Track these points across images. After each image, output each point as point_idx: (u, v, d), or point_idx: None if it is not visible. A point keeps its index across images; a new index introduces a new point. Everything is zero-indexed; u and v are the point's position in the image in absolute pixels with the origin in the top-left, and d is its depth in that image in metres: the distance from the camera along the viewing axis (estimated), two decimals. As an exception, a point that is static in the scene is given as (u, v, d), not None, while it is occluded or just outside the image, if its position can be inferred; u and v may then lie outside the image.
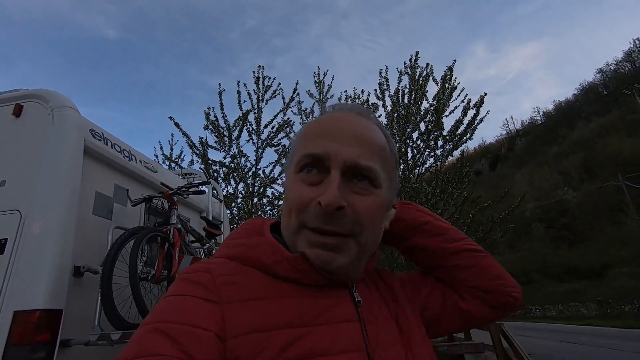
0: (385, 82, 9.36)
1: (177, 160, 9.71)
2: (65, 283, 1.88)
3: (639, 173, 29.17)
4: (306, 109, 9.92)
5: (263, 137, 8.98)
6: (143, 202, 2.47)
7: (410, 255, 0.71)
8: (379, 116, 9.55)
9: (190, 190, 2.50)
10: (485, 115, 8.67)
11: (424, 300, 0.67)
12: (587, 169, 40.67)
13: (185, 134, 8.64)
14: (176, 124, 8.60)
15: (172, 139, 9.92)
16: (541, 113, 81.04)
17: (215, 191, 3.93)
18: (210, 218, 3.40)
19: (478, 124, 8.65)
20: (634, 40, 63.73)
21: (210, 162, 8.73)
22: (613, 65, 66.11)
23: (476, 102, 8.62)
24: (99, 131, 2.50)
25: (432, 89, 9.40)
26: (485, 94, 8.62)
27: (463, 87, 9.06)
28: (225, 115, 8.85)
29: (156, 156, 9.85)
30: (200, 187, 2.63)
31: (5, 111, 2.29)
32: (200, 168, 8.37)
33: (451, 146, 8.59)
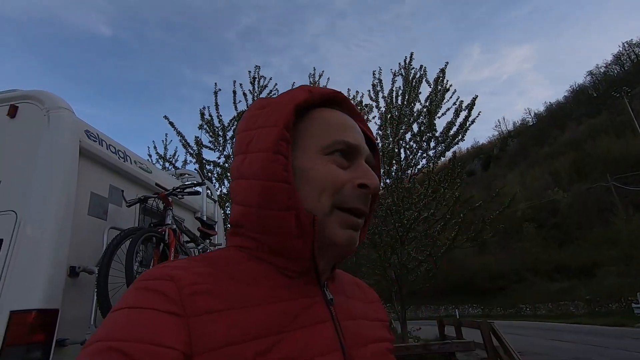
0: (379, 84, 9.43)
1: (171, 159, 9.69)
2: (61, 283, 1.90)
3: (628, 174, 29.74)
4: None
5: (257, 137, 8.97)
6: (138, 203, 2.49)
7: None
8: (373, 117, 9.64)
9: (185, 191, 2.53)
10: (477, 117, 8.80)
11: None
12: (577, 169, 41.27)
13: (179, 133, 8.64)
14: (171, 123, 8.60)
15: (166, 139, 9.90)
16: (532, 114, 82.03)
17: (209, 192, 3.95)
18: (205, 218, 3.43)
19: (470, 125, 8.77)
20: (623, 43, 65.00)
21: (204, 161, 8.73)
22: (603, 68, 67.28)
23: (468, 104, 8.74)
24: (94, 132, 2.51)
25: (425, 91, 9.53)
26: (477, 96, 8.75)
27: (455, 89, 9.19)
28: (220, 115, 8.87)
29: (150, 155, 9.83)
30: (194, 188, 2.66)
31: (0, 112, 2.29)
32: (195, 169, 8.36)
33: (443, 147, 8.69)
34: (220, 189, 8.77)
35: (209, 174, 8.80)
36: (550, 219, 36.56)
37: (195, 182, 2.81)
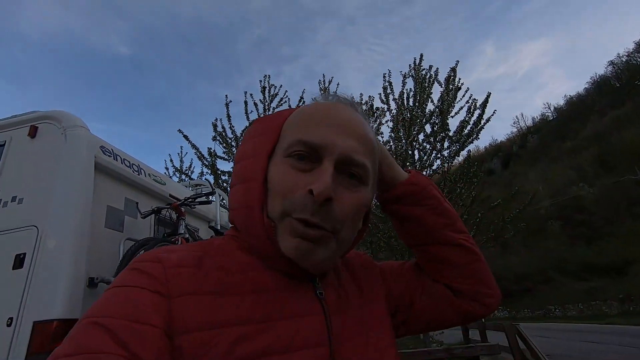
0: (389, 86, 9.41)
1: (187, 172, 9.92)
2: (81, 294, 1.98)
3: (657, 165, 28.42)
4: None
5: (270, 145, 9.09)
6: (152, 214, 2.57)
7: (402, 225, 0.67)
8: (385, 120, 9.63)
9: (196, 200, 2.59)
10: (492, 115, 8.66)
11: (402, 290, 0.65)
12: (603, 163, 39.76)
13: (194, 146, 8.84)
14: (185, 137, 8.81)
15: (181, 152, 10.15)
16: (552, 109, 79.76)
17: (223, 201, 4.03)
18: (219, 227, 3.50)
19: (485, 123, 8.63)
20: (645, 30, 62.30)
21: (219, 172, 8.88)
22: (624, 57, 64.83)
23: (482, 102, 8.61)
24: (109, 148, 2.62)
25: (437, 91, 9.41)
26: (490, 94, 8.61)
27: (468, 88, 9.07)
28: (233, 126, 9.02)
29: (167, 169, 10.08)
30: (208, 197, 2.73)
31: (21, 133, 2.43)
32: (205, 179, 8.51)
33: (457, 147, 8.57)
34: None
35: (225, 184, 8.95)
36: (576, 215, 35.22)
37: (206, 191, 2.88)
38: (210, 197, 2.88)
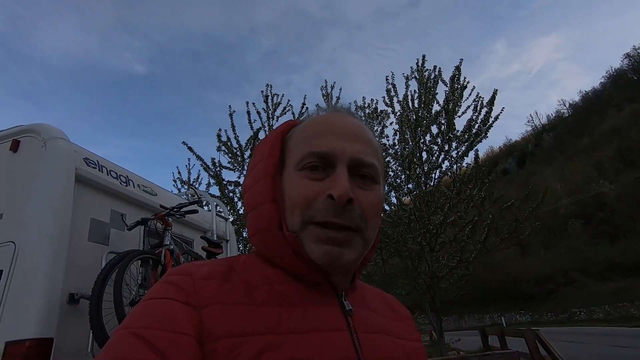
0: (392, 89, 9.29)
1: (194, 183, 9.93)
2: (56, 311, 1.89)
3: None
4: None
5: (274, 153, 9.06)
6: (139, 225, 2.49)
7: None
8: (390, 123, 9.49)
9: (182, 210, 2.51)
10: (500, 112, 8.43)
11: None
12: (623, 158, 38.49)
13: (199, 157, 8.85)
14: (189, 148, 8.83)
15: (189, 163, 10.19)
16: (567, 105, 78.03)
17: (220, 210, 3.95)
18: (215, 237, 3.41)
19: (493, 121, 8.40)
20: (661, 20, 60.57)
21: (225, 182, 8.86)
22: (641, 48, 63.00)
23: (488, 100, 8.39)
24: (93, 159, 2.56)
25: (442, 92, 9.22)
26: (496, 90, 8.39)
27: (474, 86, 8.87)
28: (237, 136, 9.03)
29: (175, 181, 10.13)
30: (203, 205, 2.64)
31: (3, 147, 2.39)
32: (206, 190, 8.48)
33: (466, 147, 8.35)
34: (243, 207, 8.85)
35: (231, 194, 8.92)
36: (598, 213, 34.06)
37: (193, 200, 2.79)
38: (198, 205, 2.78)
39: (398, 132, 8.95)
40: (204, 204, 4.78)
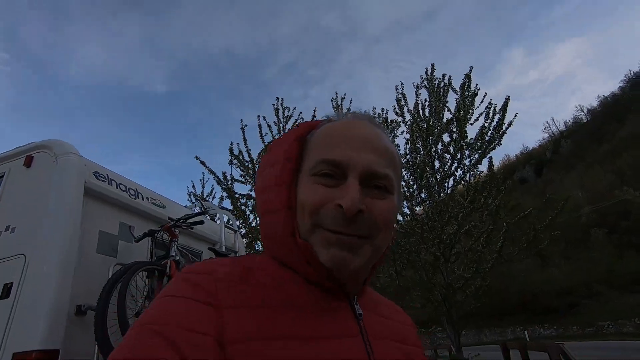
0: (402, 98, 9.27)
1: (208, 197, 10.03)
2: (63, 323, 1.92)
3: None
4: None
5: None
6: (146, 237, 2.52)
7: None
8: (401, 132, 9.44)
9: (188, 221, 2.53)
10: (513, 119, 8.27)
11: None
12: (646, 164, 37.14)
13: (211, 171, 8.96)
14: (202, 163, 8.96)
15: (203, 178, 10.30)
16: (585, 111, 76.29)
17: (229, 222, 3.97)
18: (224, 249, 3.42)
19: (507, 128, 8.24)
20: (680, 22, 59.16)
21: (237, 195, 8.93)
22: (660, 51, 61.29)
23: (501, 107, 8.27)
24: (103, 173, 2.63)
25: (453, 100, 9.12)
26: (509, 97, 8.27)
27: (485, 93, 8.76)
28: (249, 149, 9.12)
29: (189, 195, 10.26)
30: (209, 217, 2.66)
31: (17, 163, 2.48)
32: (219, 204, 8.54)
33: (478, 155, 8.21)
34: (255, 220, 8.87)
35: (243, 207, 8.96)
36: (622, 222, 32.76)
37: (200, 211, 2.81)
38: (209, 217, 2.80)
39: (409, 142, 8.89)
40: (216, 217, 4.81)
